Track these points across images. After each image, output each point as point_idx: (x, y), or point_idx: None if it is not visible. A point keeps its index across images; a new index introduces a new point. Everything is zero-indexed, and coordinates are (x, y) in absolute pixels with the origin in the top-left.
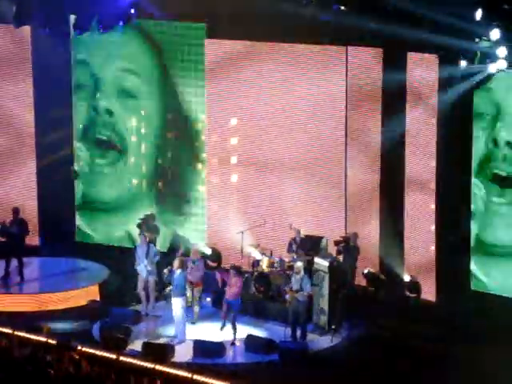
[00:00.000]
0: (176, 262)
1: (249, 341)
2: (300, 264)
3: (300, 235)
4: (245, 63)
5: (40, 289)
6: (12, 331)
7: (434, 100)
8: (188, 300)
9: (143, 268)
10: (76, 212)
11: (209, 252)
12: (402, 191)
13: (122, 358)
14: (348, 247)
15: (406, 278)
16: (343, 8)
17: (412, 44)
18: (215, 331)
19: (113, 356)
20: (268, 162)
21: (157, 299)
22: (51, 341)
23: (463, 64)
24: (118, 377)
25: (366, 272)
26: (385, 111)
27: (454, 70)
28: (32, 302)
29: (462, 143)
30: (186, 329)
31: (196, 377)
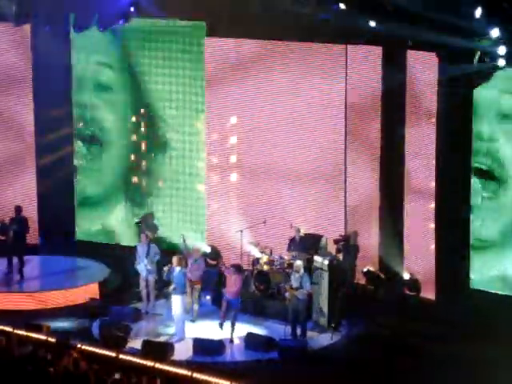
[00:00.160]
0: (175, 260)
1: (249, 339)
2: (300, 262)
3: (300, 234)
4: (245, 64)
5: (40, 287)
6: (12, 330)
7: (434, 99)
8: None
9: (143, 267)
10: (75, 210)
11: (208, 250)
12: (402, 191)
13: (122, 356)
14: (348, 246)
15: (406, 276)
16: (343, 7)
17: (412, 43)
18: (215, 329)
19: (112, 354)
20: (268, 162)
21: (157, 297)
22: (51, 339)
23: (463, 63)
24: (119, 375)
25: (366, 270)
26: (385, 111)
27: (454, 69)
28: (32, 301)
29: (462, 143)
30: (186, 327)
31: (196, 375)
